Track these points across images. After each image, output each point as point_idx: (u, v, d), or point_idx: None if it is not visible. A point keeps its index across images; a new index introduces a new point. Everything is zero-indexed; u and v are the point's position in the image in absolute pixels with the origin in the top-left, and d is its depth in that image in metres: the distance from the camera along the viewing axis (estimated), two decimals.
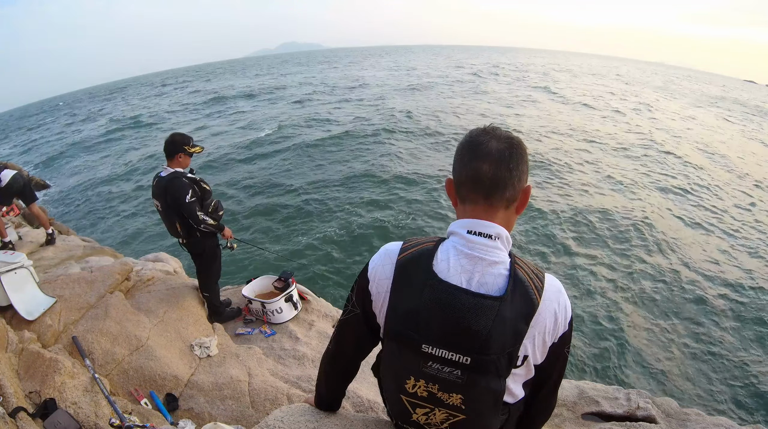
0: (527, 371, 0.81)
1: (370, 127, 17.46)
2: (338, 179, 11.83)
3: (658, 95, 36.72)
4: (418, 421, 0.84)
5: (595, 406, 2.30)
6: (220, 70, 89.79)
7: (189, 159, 2.90)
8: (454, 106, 22.80)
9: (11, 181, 4.22)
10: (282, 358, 2.96)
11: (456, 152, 0.84)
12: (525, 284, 0.75)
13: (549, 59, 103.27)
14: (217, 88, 41.68)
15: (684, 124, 22.86)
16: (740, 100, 43.02)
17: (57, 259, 4.25)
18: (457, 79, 38.23)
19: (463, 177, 0.81)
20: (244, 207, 10.39)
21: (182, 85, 56.18)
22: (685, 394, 4.93)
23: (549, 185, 11.30)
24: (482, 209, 0.80)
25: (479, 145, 0.78)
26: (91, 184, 14.30)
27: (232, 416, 2.36)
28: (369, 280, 0.86)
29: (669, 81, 60.83)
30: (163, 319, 2.98)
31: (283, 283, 3.46)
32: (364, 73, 46.74)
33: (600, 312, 6.26)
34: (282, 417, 1.16)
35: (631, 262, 7.62)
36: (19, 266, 2.71)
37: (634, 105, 27.69)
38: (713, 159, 15.61)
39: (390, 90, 30.10)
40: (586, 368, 5.25)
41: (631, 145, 16.25)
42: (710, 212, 10.19)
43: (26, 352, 2.25)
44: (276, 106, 26.29)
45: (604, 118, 22.00)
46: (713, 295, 6.76)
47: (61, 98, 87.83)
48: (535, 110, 22.95)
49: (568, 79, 44.43)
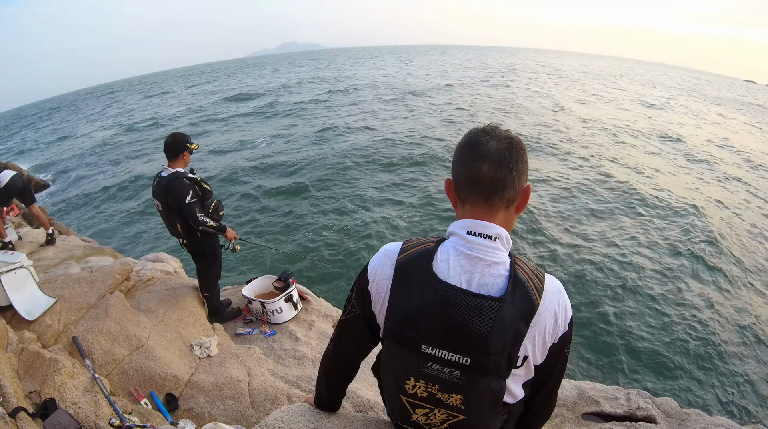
0: (527, 372, 0.81)
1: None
2: (339, 178, 11.84)
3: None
4: (417, 422, 0.84)
5: (595, 406, 2.30)
6: (252, 65, 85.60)
7: (190, 157, 2.91)
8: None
9: (10, 182, 4.22)
10: (282, 358, 2.96)
11: (455, 152, 0.83)
12: (525, 285, 0.75)
13: (583, 62, 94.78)
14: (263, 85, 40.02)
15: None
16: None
17: (57, 259, 4.26)
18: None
19: (462, 178, 0.80)
20: (244, 206, 10.41)
21: (189, 83, 55.87)
22: (685, 394, 4.93)
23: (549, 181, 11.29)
24: (482, 210, 0.79)
25: (479, 145, 0.78)
26: (91, 183, 14.31)
27: (232, 416, 2.37)
28: (369, 281, 0.86)
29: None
30: (163, 319, 2.98)
31: (283, 283, 3.46)
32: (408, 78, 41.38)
33: (600, 312, 6.26)
34: (282, 417, 1.16)
35: (631, 262, 7.62)
36: (19, 266, 2.71)
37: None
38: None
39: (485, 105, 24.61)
40: (586, 368, 5.25)
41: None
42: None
43: (26, 352, 2.25)
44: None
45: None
46: (714, 295, 6.76)
47: (61, 98, 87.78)
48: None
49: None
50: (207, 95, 35.87)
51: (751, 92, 65.13)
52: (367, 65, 66.37)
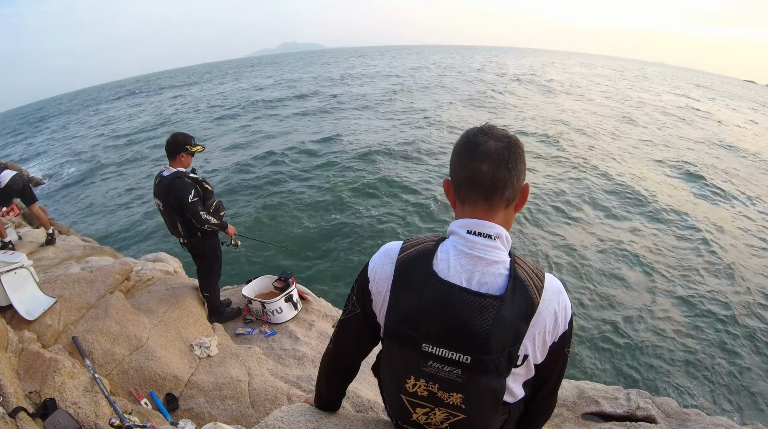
0: (527, 371, 0.82)
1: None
2: (342, 178, 11.81)
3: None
4: (418, 421, 0.84)
5: (595, 406, 2.30)
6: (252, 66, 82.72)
7: (191, 158, 2.91)
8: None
9: (11, 182, 4.22)
10: (282, 358, 2.96)
11: (453, 153, 0.83)
12: (525, 284, 0.75)
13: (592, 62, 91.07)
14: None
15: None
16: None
17: (57, 259, 4.25)
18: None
19: (462, 178, 0.80)
20: (245, 204, 10.40)
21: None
22: (685, 394, 4.93)
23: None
24: (483, 209, 0.79)
25: (477, 145, 0.78)
26: (91, 183, 14.31)
27: (232, 416, 2.36)
28: (369, 280, 0.86)
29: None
30: (163, 319, 2.98)
31: (283, 283, 3.46)
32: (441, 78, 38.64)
33: (600, 312, 6.26)
34: (282, 417, 1.16)
35: (632, 262, 7.62)
36: (19, 266, 2.71)
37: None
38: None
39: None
40: (586, 368, 5.25)
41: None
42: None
43: (26, 352, 2.25)
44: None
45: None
46: (715, 296, 6.76)
47: (60, 98, 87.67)
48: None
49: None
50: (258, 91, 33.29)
51: (752, 92, 64.78)
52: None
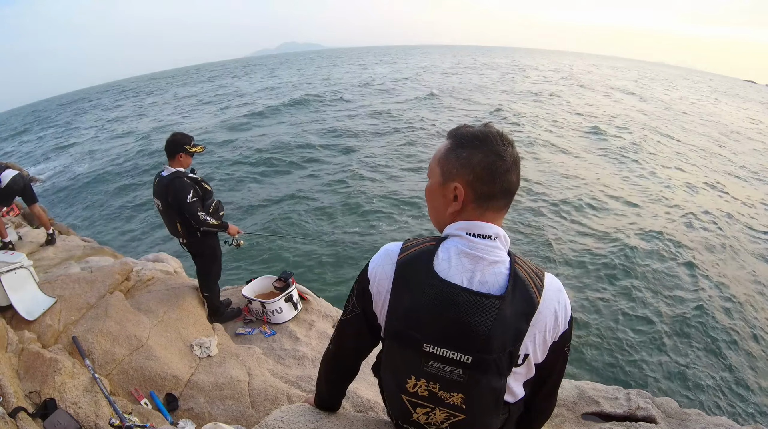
0: (528, 370, 0.82)
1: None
2: (342, 178, 11.82)
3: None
4: (418, 421, 0.84)
5: (595, 406, 2.30)
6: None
7: (190, 159, 2.91)
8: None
9: (11, 182, 4.22)
10: (282, 358, 2.96)
11: (476, 165, 0.77)
12: (525, 283, 0.76)
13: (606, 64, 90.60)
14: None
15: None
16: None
17: (57, 259, 4.26)
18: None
19: (497, 190, 0.78)
20: (245, 202, 10.39)
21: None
22: (685, 394, 4.92)
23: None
24: (500, 215, 0.82)
25: (503, 157, 0.77)
26: (91, 184, 14.29)
27: (232, 416, 2.36)
28: (369, 280, 0.85)
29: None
30: (163, 319, 2.98)
31: (283, 283, 3.46)
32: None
33: (600, 312, 6.26)
34: (282, 417, 1.16)
35: (633, 262, 7.61)
36: (19, 266, 2.71)
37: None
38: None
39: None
40: (586, 368, 5.25)
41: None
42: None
43: (26, 352, 2.25)
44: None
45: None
46: (715, 296, 6.76)
47: (60, 98, 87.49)
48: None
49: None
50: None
51: (753, 92, 64.70)
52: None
